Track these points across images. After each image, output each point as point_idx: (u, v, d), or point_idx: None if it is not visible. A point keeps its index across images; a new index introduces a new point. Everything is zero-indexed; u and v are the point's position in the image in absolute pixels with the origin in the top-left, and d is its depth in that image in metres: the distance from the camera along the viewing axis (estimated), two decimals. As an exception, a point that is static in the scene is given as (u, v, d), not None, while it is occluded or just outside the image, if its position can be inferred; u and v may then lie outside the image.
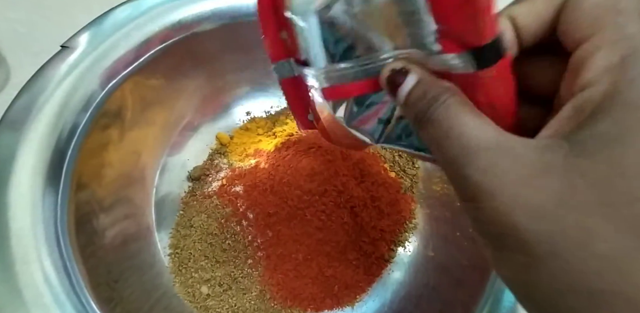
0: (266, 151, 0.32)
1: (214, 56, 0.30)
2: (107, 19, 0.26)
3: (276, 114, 0.34)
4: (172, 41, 0.27)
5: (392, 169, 0.32)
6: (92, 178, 0.25)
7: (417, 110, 0.13)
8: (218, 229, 0.29)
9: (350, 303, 0.29)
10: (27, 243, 0.21)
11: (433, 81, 0.13)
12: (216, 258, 0.29)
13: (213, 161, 0.32)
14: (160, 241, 0.30)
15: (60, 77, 0.24)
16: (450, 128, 0.11)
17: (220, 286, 0.29)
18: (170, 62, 0.28)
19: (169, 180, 0.31)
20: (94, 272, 0.22)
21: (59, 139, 0.23)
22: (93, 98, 0.24)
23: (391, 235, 0.30)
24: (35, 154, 0.22)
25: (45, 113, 0.23)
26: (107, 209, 0.26)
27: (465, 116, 0.11)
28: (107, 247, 0.25)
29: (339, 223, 0.29)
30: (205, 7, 0.27)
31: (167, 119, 0.31)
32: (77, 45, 0.25)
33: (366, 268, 0.30)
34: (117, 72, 0.25)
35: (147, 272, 0.28)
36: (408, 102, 0.13)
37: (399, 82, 0.13)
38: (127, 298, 0.25)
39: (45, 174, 0.22)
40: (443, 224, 0.30)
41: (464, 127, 0.11)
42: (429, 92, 0.12)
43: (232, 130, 0.33)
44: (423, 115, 0.12)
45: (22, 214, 0.21)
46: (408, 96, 0.13)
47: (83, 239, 0.23)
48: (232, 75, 0.32)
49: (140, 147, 0.30)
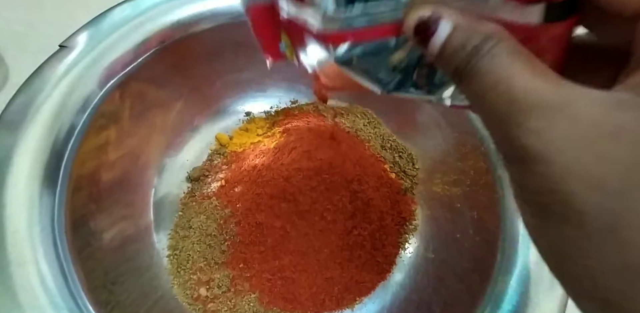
0: (266, 152, 0.31)
1: (213, 56, 0.30)
2: (106, 19, 0.26)
3: (275, 114, 0.34)
4: (170, 41, 0.27)
5: (392, 170, 0.32)
6: (90, 179, 0.25)
7: (456, 64, 0.11)
8: (217, 230, 0.29)
9: (350, 305, 0.29)
10: (23, 244, 0.20)
11: (474, 26, 0.11)
12: (215, 260, 0.29)
13: (212, 162, 0.32)
14: (158, 242, 0.29)
15: (58, 77, 0.24)
16: (497, 81, 0.10)
17: (219, 288, 0.28)
18: (169, 62, 0.28)
19: (167, 181, 0.31)
20: (90, 274, 0.22)
21: (57, 140, 0.23)
22: (91, 98, 0.24)
23: (391, 237, 0.30)
24: (33, 154, 0.22)
25: (43, 113, 0.23)
26: (104, 210, 0.26)
27: (517, 66, 0.10)
28: (105, 249, 0.25)
29: (339, 224, 0.29)
30: (204, 6, 0.27)
31: (166, 120, 0.31)
32: (76, 44, 0.25)
33: (367, 271, 0.29)
34: (115, 72, 0.25)
35: (145, 274, 0.27)
36: (444, 53, 0.11)
37: (430, 31, 0.11)
38: (125, 301, 0.24)
39: (42, 175, 0.22)
40: (443, 226, 0.30)
41: (514, 79, 0.10)
42: (470, 40, 0.10)
43: (231, 131, 0.33)
44: (464, 68, 0.10)
45: (18, 215, 0.21)
46: (444, 47, 0.11)
47: (80, 241, 0.23)
48: (232, 75, 0.32)
49: (139, 147, 0.29)
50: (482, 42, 0.10)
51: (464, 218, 0.28)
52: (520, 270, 0.22)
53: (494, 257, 0.23)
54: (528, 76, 0.10)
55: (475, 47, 0.10)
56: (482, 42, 0.10)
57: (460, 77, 0.11)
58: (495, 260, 0.23)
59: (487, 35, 0.10)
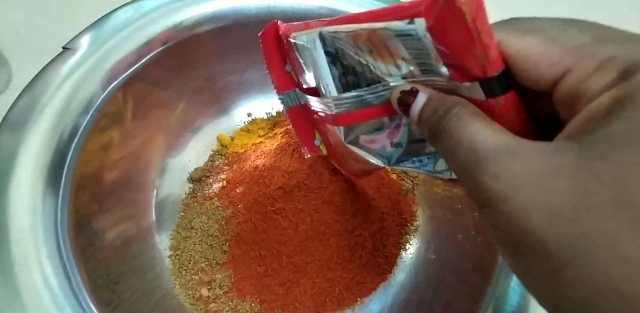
0: (267, 152, 0.32)
1: (215, 57, 0.30)
2: (109, 21, 0.26)
3: (277, 115, 0.34)
4: (173, 42, 0.27)
5: (393, 171, 0.32)
6: (93, 180, 0.25)
7: (430, 125, 0.13)
8: (218, 231, 0.29)
9: (351, 306, 0.29)
10: (26, 244, 0.21)
11: (443, 96, 0.13)
12: (216, 260, 0.29)
13: (214, 162, 0.32)
14: (160, 243, 0.29)
15: (61, 79, 0.24)
16: (462, 137, 0.12)
17: (221, 288, 0.28)
18: (172, 63, 0.28)
19: (169, 181, 0.31)
20: (93, 274, 0.22)
21: (60, 141, 0.23)
22: (94, 99, 0.24)
23: (392, 238, 0.30)
24: (36, 155, 0.22)
25: (47, 114, 0.23)
26: (107, 210, 0.26)
27: (477, 124, 0.12)
28: (107, 249, 0.25)
29: (340, 225, 0.29)
30: (206, 8, 0.27)
31: (168, 121, 0.31)
32: (79, 46, 0.25)
33: (368, 271, 0.29)
34: (118, 74, 0.25)
35: (147, 274, 0.27)
36: (421, 118, 0.14)
37: (409, 101, 0.14)
38: (127, 301, 0.24)
39: (46, 176, 0.22)
40: (444, 226, 0.30)
41: (475, 135, 0.12)
42: (440, 106, 0.13)
43: (233, 132, 0.33)
44: (436, 128, 0.13)
45: (22, 215, 0.21)
46: (421, 113, 0.14)
47: (83, 241, 0.23)
48: (233, 76, 0.32)
49: (141, 148, 0.30)
50: (449, 107, 0.13)
51: (465, 219, 0.28)
52: (521, 271, 0.22)
53: (495, 257, 0.23)
54: (486, 132, 0.12)
55: (445, 111, 0.13)
56: (449, 107, 0.13)
57: (434, 136, 0.13)
58: (497, 261, 0.23)
59: (454, 102, 0.13)
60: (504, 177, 0.11)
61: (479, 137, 0.12)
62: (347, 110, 0.15)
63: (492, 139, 0.11)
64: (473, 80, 0.12)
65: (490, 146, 0.11)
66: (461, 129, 0.12)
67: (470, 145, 0.12)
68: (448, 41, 0.12)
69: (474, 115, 0.12)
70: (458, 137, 0.12)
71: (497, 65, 0.12)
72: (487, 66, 0.12)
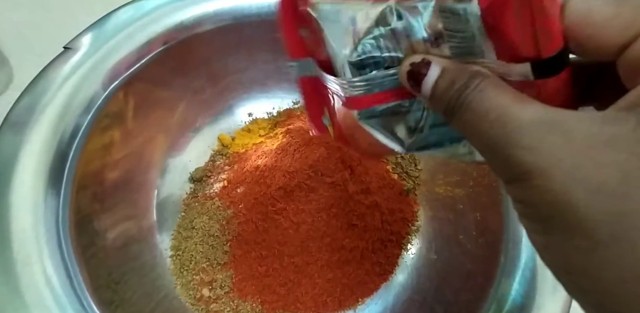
0: (268, 152, 0.31)
1: (216, 57, 0.30)
2: (110, 20, 0.26)
3: (278, 115, 0.34)
4: (174, 42, 0.27)
5: (394, 171, 0.32)
6: (94, 180, 0.25)
7: (447, 101, 0.11)
8: (219, 231, 0.29)
9: (352, 306, 0.29)
10: (28, 244, 0.21)
11: (459, 67, 0.11)
12: (217, 261, 0.29)
13: (215, 162, 0.32)
14: (161, 243, 0.29)
15: (62, 79, 0.24)
16: (487, 111, 0.10)
17: (222, 288, 0.28)
18: (173, 63, 0.28)
19: (170, 181, 0.31)
20: (95, 274, 0.22)
21: (61, 141, 0.23)
22: (95, 99, 0.24)
23: (394, 238, 0.30)
24: (37, 155, 0.22)
25: (48, 114, 0.23)
26: (108, 210, 0.26)
27: (504, 97, 0.10)
28: (109, 249, 0.25)
29: (342, 225, 0.29)
30: (207, 8, 0.27)
31: (169, 120, 0.31)
32: (80, 46, 0.25)
33: (369, 272, 0.29)
34: (119, 74, 0.25)
35: (148, 274, 0.27)
36: (435, 94, 0.12)
37: (421, 74, 0.12)
38: (128, 300, 0.24)
39: (47, 175, 0.22)
40: (446, 227, 0.30)
41: (503, 108, 0.10)
42: (457, 79, 0.11)
43: (233, 132, 0.33)
44: (455, 103, 0.11)
45: (23, 215, 0.21)
46: (434, 88, 0.12)
47: (84, 241, 0.23)
48: (234, 76, 0.32)
49: (142, 148, 0.30)
50: (469, 79, 0.11)
51: (467, 219, 0.28)
52: (523, 272, 0.22)
53: (497, 258, 0.23)
54: (516, 104, 0.10)
55: (464, 84, 0.11)
56: (469, 79, 0.11)
57: (452, 113, 0.11)
58: (499, 262, 0.23)
59: (473, 73, 0.11)
60: (540, 149, 0.10)
61: (509, 109, 0.10)
62: (363, 93, 0.14)
63: (525, 110, 0.10)
64: (524, 62, 0.11)
65: (525, 117, 0.10)
66: (485, 102, 0.11)
67: (499, 118, 0.10)
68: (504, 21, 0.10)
69: (499, 86, 0.11)
70: (483, 111, 0.10)
71: (557, 44, 0.11)
72: (547, 45, 0.10)
